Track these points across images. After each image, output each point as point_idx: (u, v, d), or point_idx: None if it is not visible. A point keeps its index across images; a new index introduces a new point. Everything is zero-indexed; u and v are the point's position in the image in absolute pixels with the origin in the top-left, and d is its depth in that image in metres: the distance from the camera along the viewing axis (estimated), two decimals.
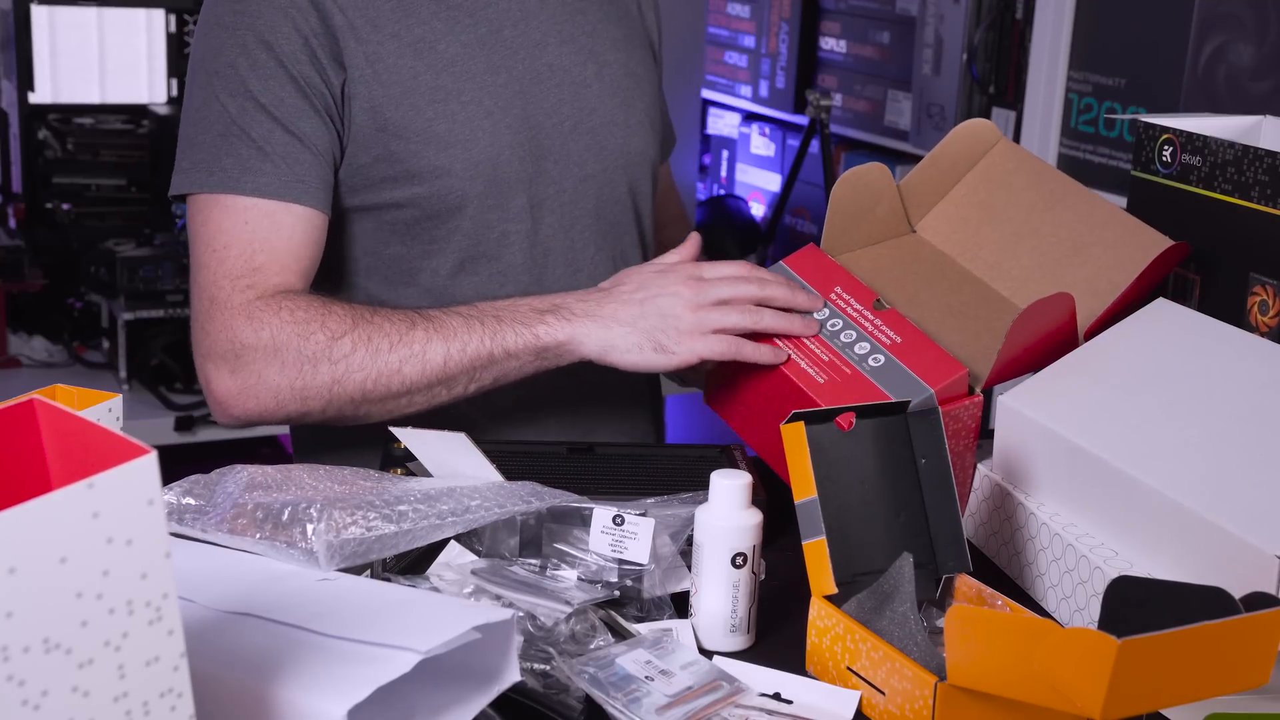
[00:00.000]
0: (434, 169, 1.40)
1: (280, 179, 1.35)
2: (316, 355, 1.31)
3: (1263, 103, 1.98)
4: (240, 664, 0.86)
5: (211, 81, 1.37)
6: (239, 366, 1.33)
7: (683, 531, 1.13)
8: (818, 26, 2.91)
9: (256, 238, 1.35)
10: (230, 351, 1.33)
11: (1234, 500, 1.04)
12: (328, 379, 1.31)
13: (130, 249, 2.42)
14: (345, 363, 1.30)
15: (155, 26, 3.03)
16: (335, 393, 1.31)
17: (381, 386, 1.31)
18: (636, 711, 0.96)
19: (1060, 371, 1.25)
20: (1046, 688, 0.85)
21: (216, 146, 1.36)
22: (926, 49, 2.56)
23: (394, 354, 1.30)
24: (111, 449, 0.71)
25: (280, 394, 1.32)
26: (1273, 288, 1.31)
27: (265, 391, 1.32)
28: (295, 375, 1.31)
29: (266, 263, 1.34)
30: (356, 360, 1.30)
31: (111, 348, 2.44)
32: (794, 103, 2.96)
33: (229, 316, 1.33)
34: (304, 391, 1.32)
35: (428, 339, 1.31)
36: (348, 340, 1.31)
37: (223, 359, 1.33)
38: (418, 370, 1.31)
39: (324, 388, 1.31)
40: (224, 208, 1.36)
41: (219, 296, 1.34)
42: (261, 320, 1.32)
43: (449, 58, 1.41)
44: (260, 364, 1.32)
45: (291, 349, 1.31)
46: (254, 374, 1.32)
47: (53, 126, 2.72)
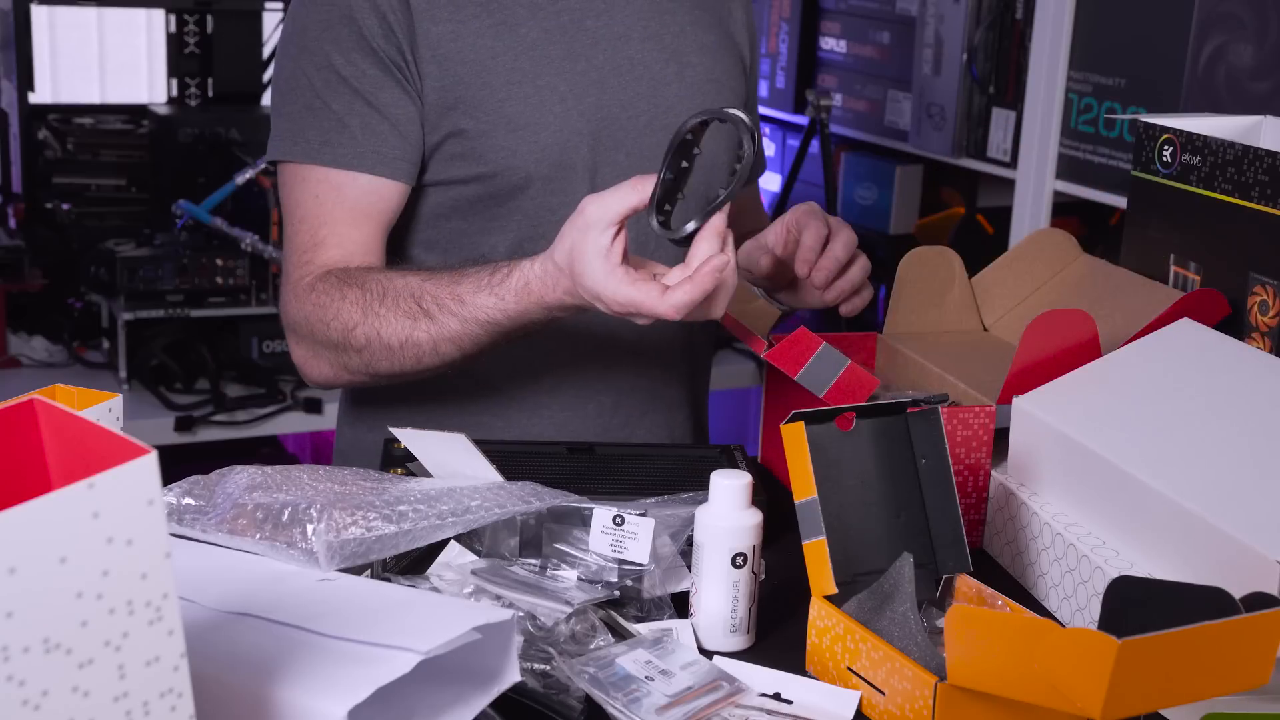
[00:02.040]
0: (501, 149, 1.43)
1: (357, 150, 1.41)
2: (339, 344, 1.38)
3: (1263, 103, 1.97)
4: (240, 664, 0.86)
5: (300, 56, 1.43)
6: (298, 340, 1.44)
7: (683, 531, 1.13)
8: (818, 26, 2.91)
9: (323, 210, 1.42)
10: (290, 325, 1.44)
11: (1238, 506, 1.04)
12: (360, 363, 1.38)
13: (130, 249, 2.41)
14: (368, 352, 1.37)
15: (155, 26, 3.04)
16: (373, 371, 1.39)
17: (410, 370, 1.37)
18: (636, 711, 0.96)
19: (1077, 379, 1.25)
20: (1046, 688, 0.85)
21: (301, 118, 1.43)
22: (926, 49, 2.56)
23: (405, 353, 1.36)
24: (111, 449, 0.71)
25: (333, 365, 1.41)
26: (1273, 288, 1.31)
27: (323, 364, 1.42)
28: (333, 358, 1.40)
29: (328, 236, 1.42)
30: (378, 353, 1.37)
31: (111, 348, 2.44)
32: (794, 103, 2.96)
33: (289, 291, 1.43)
34: (347, 368, 1.40)
35: (434, 343, 1.34)
36: (360, 333, 1.36)
37: (290, 330, 1.45)
38: (436, 362, 1.36)
39: (361, 368, 1.39)
40: (302, 179, 1.43)
41: (289, 271, 1.44)
42: (303, 300, 1.41)
43: (529, 41, 1.44)
44: (308, 341, 1.42)
45: (319, 335, 1.40)
46: (308, 348, 1.43)
47: (53, 126, 2.72)
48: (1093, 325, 1.29)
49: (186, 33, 2.81)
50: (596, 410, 1.51)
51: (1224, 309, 1.34)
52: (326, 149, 1.41)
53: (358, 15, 1.40)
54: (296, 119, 1.43)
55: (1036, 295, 1.54)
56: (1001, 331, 1.53)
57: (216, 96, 2.84)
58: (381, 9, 1.40)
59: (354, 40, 1.40)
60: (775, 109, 3.05)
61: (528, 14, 1.44)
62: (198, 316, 2.43)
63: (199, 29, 2.81)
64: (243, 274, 2.44)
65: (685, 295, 1.19)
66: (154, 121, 2.73)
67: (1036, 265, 1.54)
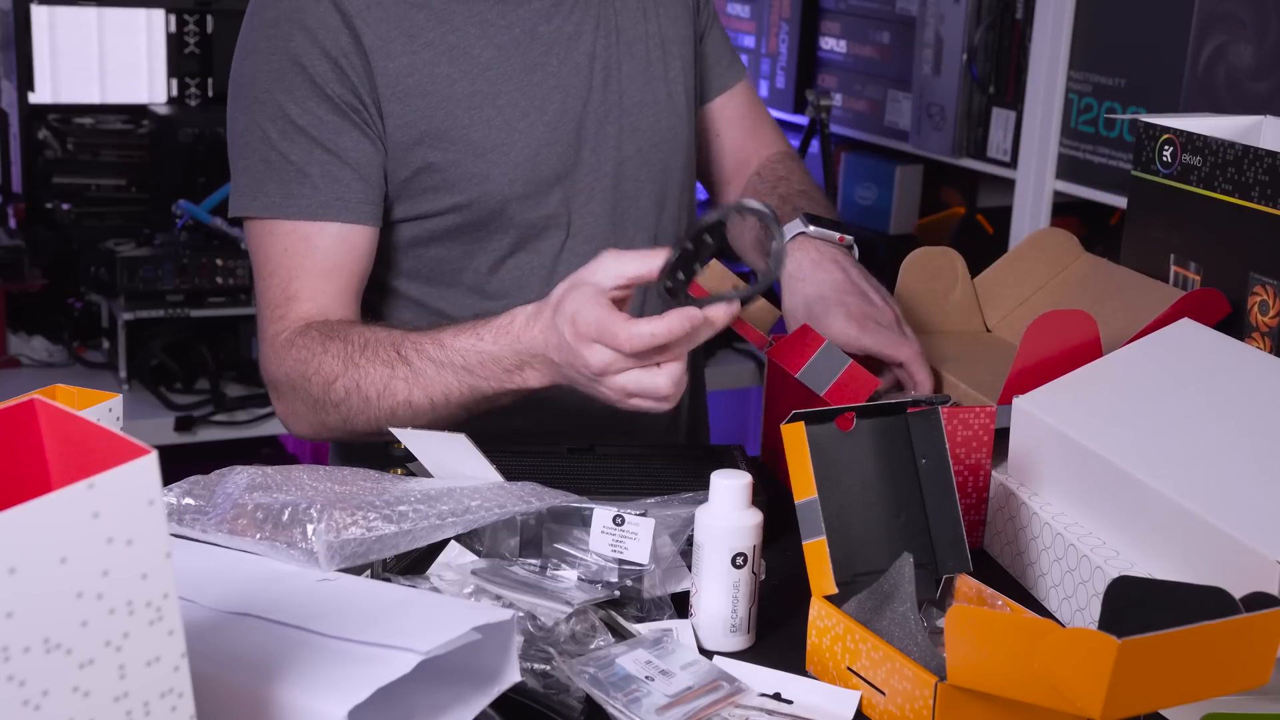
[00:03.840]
0: (473, 176, 1.42)
1: (319, 200, 1.39)
2: (319, 400, 1.36)
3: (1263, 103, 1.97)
4: (240, 664, 0.86)
5: (252, 108, 1.41)
6: (279, 397, 1.42)
7: (683, 531, 1.13)
8: (818, 26, 2.91)
9: (293, 264, 1.40)
10: (272, 383, 1.42)
11: (1239, 507, 1.04)
12: (338, 419, 1.36)
13: (130, 249, 2.41)
14: (346, 406, 1.35)
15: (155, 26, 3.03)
16: (351, 428, 1.36)
17: (386, 424, 1.30)
18: (636, 711, 0.96)
19: (1077, 379, 1.25)
20: (1046, 688, 0.85)
21: (260, 172, 1.40)
22: (926, 49, 2.56)
23: (382, 404, 1.33)
24: (111, 449, 0.71)
25: (312, 424, 1.40)
26: (1273, 288, 1.31)
27: (301, 421, 1.41)
28: (311, 414, 1.38)
29: (300, 289, 1.40)
30: (354, 406, 1.34)
31: (111, 348, 2.44)
32: (794, 103, 2.96)
33: (266, 348, 1.41)
34: (325, 425, 1.38)
35: (409, 391, 1.31)
36: (339, 386, 1.34)
37: (272, 388, 1.43)
38: (409, 417, 1.32)
39: (339, 425, 1.37)
40: (268, 233, 1.41)
41: (264, 327, 1.42)
42: (281, 357, 1.39)
43: (484, 62, 1.42)
44: (289, 398, 1.40)
45: (300, 391, 1.38)
46: (287, 405, 1.41)
47: (53, 126, 2.71)
48: (1094, 325, 1.29)
49: (186, 33, 2.81)
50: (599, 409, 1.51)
51: (1224, 308, 1.34)
52: (289, 201, 1.39)
53: (305, 62, 1.37)
54: (255, 173, 1.40)
55: (1039, 295, 1.54)
56: (1004, 332, 1.53)
57: (216, 96, 2.84)
58: (332, 54, 1.37)
59: (306, 87, 1.37)
60: (775, 109, 3.04)
61: (479, 33, 1.42)
62: (198, 316, 2.43)
63: (199, 29, 2.82)
64: (243, 274, 2.44)
65: (649, 327, 1.11)
66: (154, 121, 2.73)
67: (1038, 265, 1.54)
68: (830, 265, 1.43)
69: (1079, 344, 1.29)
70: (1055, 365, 1.27)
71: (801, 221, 1.47)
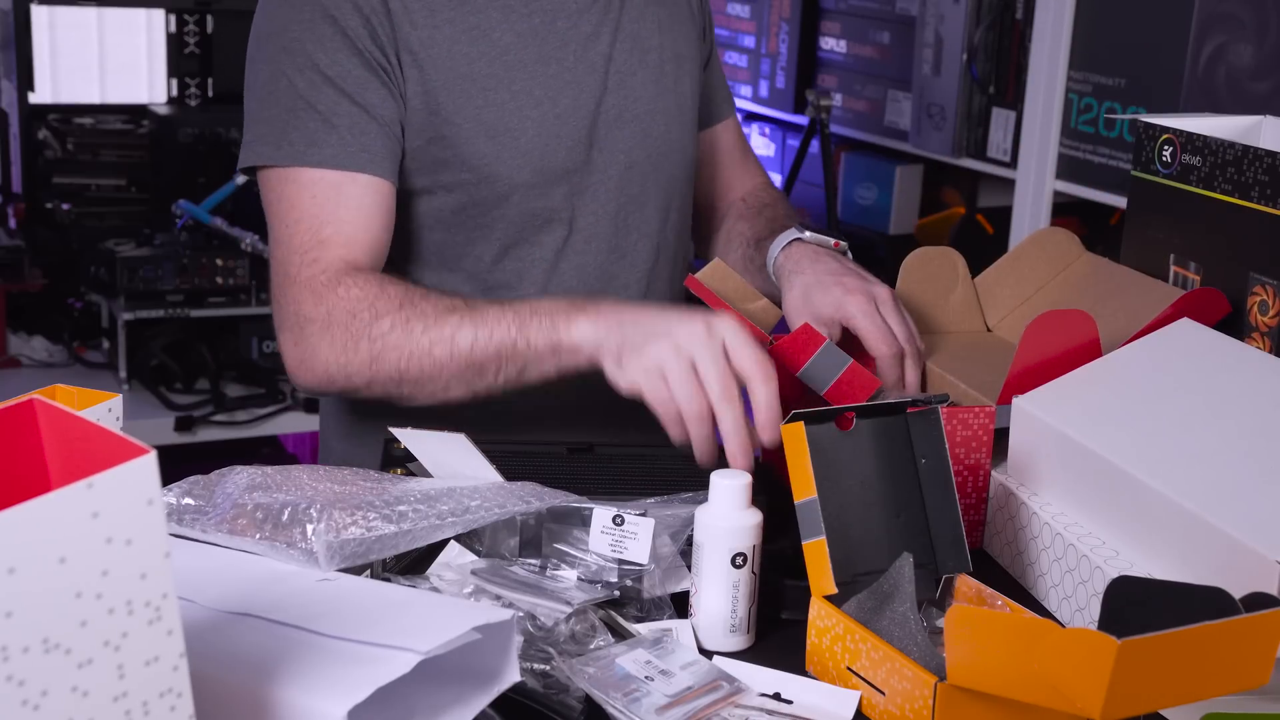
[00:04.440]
0: (482, 156, 1.43)
1: (346, 150, 1.38)
2: (358, 333, 1.33)
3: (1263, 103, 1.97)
4: (240, 664, 0.86)
5: (278, 57, 1.40)
6: (300, 339, 1.37)
7: (683, 531, 1.13)
8: (818, 26, 2.91)
9: (324, 210, 1.38)
10: (295, 324, 1.37)
11: (1239, 507, 1.04)
12: (366, 357, 1.33)
13: (130, 249, 2.41)
14: (382, 341, 1.33)
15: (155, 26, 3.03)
16: (375, 371, 1.33)
17: (415, 367, 1.32)
18: (636, 711, 0.96)
19: (1076, 379, 1.25)
20: (1046, 688, 0.85)
21: (284, 121, 1.39)
22: (926, 49, 2.56)
23: (425, 336, 1.32)
24: (111, 449, 0.71)
25: (330, 369, 1.35)
26: (1273, 288, 1.31)
27: (319, 365, 1.36)
28: (340, 351, 1.34)
29: (332, 235, 1.37)
30: (392, 340, 1.32)
31: (111, 348, 2.44)
32: (794, 103, 2.96)
33: (296, 291, 1.37)
34: (347, 368, 1.34)
35: (459, 324, 1.31)
36: (387, 320, 1.33)
37: (289, 330, 1.38)
38: (445, 353, 1.31)
39: (364, 365, 1.34)
40: (292, 181, 1.39)
41: (290, 271, 1.38)
42: (321, 296, 1.35)
43: (502, 46, 1.43)
44: (315, 338, 1.36)
45: (339, 326, 1.34)
46: (310, 348, 1.36)
47: (53, 126, 2.72)
48: (1093, 325, 1.29)
49: (186, 33, 2.81)
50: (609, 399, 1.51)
51: (1224, 308, 1.34)
52: (314, 150, 1.38)
53: (337, 14, 1.38)
54: (277, 123, 1.39)
55: (1039, 295, 1.53)
56: (1004, 332, 1.53)
57: (216, 96, 2.84)
58: (363, 10, 1.39)
59: (338, 40, 1.38)
60: (775, 109, 3.04)
61: (500, 18, 1.44)
62: (198, 316, 2.44)
63: (199, 29, 2.82)
64: (243, 274, 2.44)
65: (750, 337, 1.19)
66: (154, 121, 2.73)
67: (1039, 265, 1.54)
68: (828, 258, 1.45)
69: (1078, 344, 1.29)
70: (1055, 365, 1.27)
71: (797, 229, 1.50)
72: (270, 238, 1.42)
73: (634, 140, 1.50)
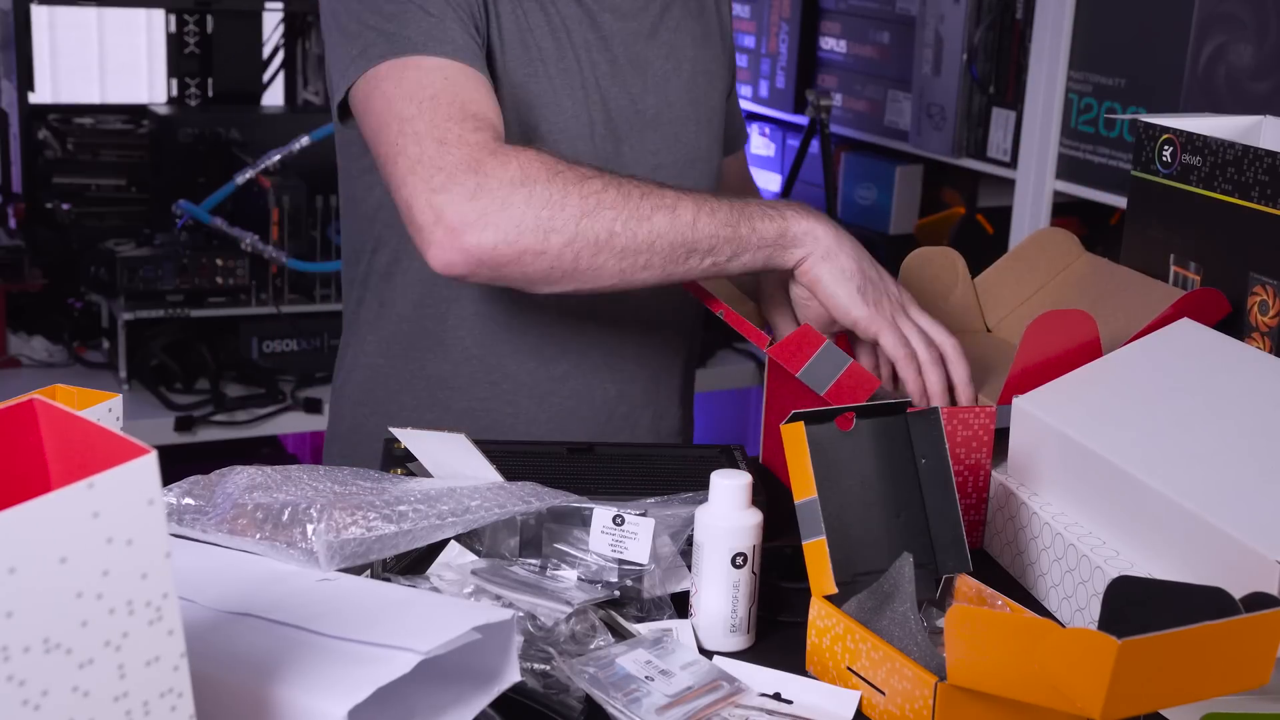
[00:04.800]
0: (523, 124, 1.42)
1: (468, 51, 1.34)
2: (566, 189, 1.26)
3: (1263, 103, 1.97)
4: (240, 664, 0.86)
5: None
6: (480, 193, 1.25)
7: (683, 531, 1.13)
8: (818, 26, 2.91)
9: (462, 91, 1.31)
10: (471, 181, 1.25)
11: (1239, 507, 1.04)
12: (576, 212, 1.25)
13: (130, 249, 2.41)
14: (596, 198, 1.26)
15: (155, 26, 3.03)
16: (582, 228, 1.25)
17: (629, 231, 1.26)
18: (636, 711, 0.96)
19: (1077, 379, 1.25)
20: (1046, 688, 0.85)
21: (394, 20, 1.32)
22: (926, 49, 2.56)
23: (645, 201, 1.27)
24: (111, 449, 0.71)
25: (523, 224, 1.25)
26: (1273, 288, 1.31)
27: (507, 220, 1.25)
28: (542, 206, 1.25)
29: (479, 113, 1.30)
30: (608, 198, 1.26)
31: (111, 348, 2.44)
32: (794, 103, 2.96)
33: (466, 151, 1.27)
34: (550, 223, 1.25)
35: (678, 198, 1.28)
36: (598, 180, 1.27)
37: (460, 187, 1.25)
38: (667, 222, 1.27)
39: (571, 221, 1.25)
40: (416, 68, 1.31)
41: (448, 138, 1.27)
42: (506, 155, 1.27)
43: (557, 23, 1.44)
44: (505, 192, 1.25)
45: (540, 181, 1.25)
46: (497, 200, 1.25)
47: (53, 126, 2.71)
48: (1093, 325, 1.29)
49: (186, 33, 2.81)
50: (604, 399, 1.52)
51: (1224, 308, 1.34)
52: (434, 43, 1.31)
53: None
54: (385, 25, 1.32)
55: (1039, 295, 1.53)
56: (1004, 332, 1.53)
57: (216, 96, 2.84)
58: None
59: None
60: (775, 109, 3.04)
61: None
62: (198, 316, 2.43)
63: (199, 29, 2.81)
64: (243, 274, 2.44)
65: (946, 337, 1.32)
66: (154, 121, 2.73)
67: (1039, 265, 1.54)
68: None
69: (1079, 344, 1.29)
70: (1055, 365, 1.28)
71: None
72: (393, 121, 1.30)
73: (664, 143, 1.51)
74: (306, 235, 2.47)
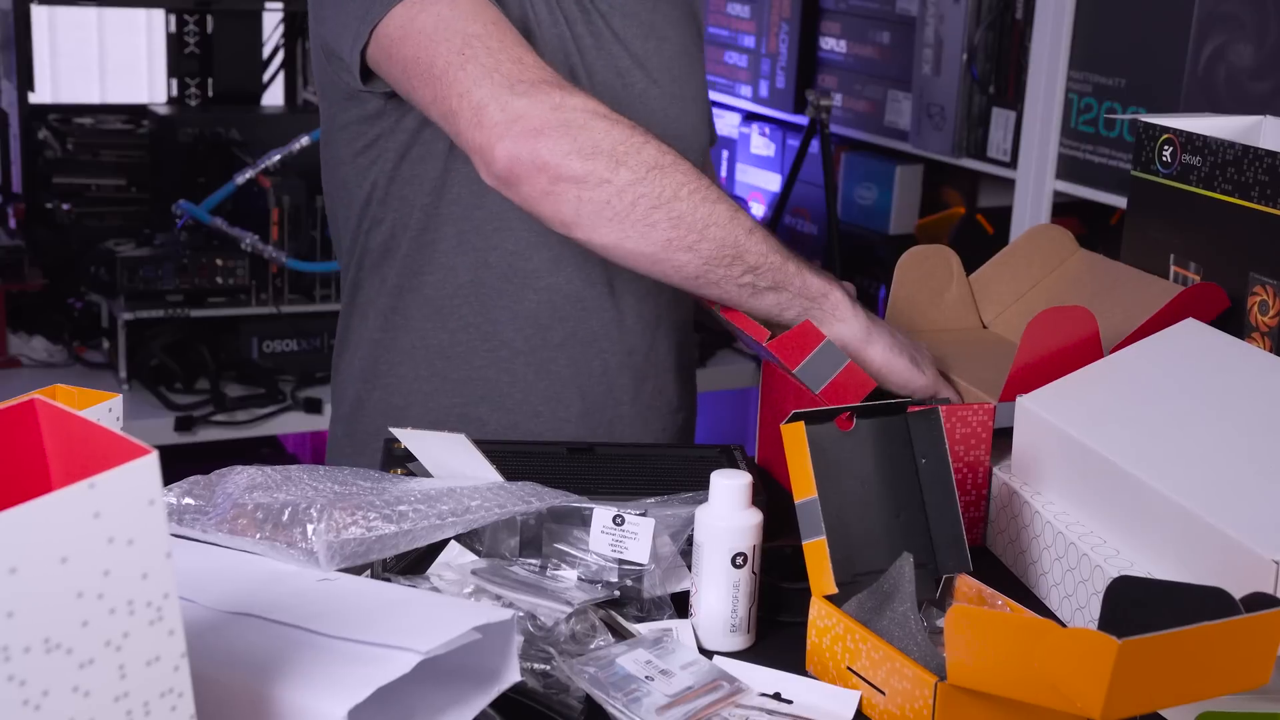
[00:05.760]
0: None
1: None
2: (646, 139, 1.26)
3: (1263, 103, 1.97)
4: (240, 664, 0.86)
5: None
6: (564, 108, 1.24)
7: (683, 531, 1.13)
8: (818, 26, 2.91)
9: (508, 35, 1.29)
10: (556, 95, 1.25)
11: (1237, 506, 1.04)
12: (651, 160, 1.25)
13: (130, 249, 2.41)
14: (672, 159, 1.26)
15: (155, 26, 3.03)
16: (651, 177, 1.25)
17: (692, 202, 1.26)
18: (636, 711, 0.96)
19: (1081, 378, 1.25)
20: (1046, 688, 0.85)
21: None
22: (926, 49, 2.56)
23: (713, 190, 1.28)
24: (112, 449, 0.71)
25: (600, 146, 1.24)
26: (1273, 288, 1.31)
27: (586, 138, 1.24)
28: (621, 139, 1.25)
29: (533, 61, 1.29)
30: (683, 166, 1.27)
31: (111, 348, 2.44)
32: (794, 103, 2.96)
33: (548, 74, 1.26)
34: (625, 157, 1.24)
35: (739, 207, 1.29)
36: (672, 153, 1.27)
37: (546, 97, 1.24)
38: (727, 215, 1.27)
39: (643, 165, 1.25)
40: (450, 5, 1.28)
41: (525, 59, 1.27)
42: (586, 93, 1.27)
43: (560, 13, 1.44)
44: (587, 116, 1.25)
45: (621, 124, 1.26)
46: (579, 118, 1.24)
47: (53, 126, 2.71)
48: (1093, 321, 1.29)
49: (186, 33, 2.81)
50: (602, 368, 1.51)
51: (1224, 302, 1.34)
52: None
53: None
54: None
55: (1034, 291, 1.54)
56: (1000, 328, 1.53)
57: (216, 96, 2.84)
58: None
59: None
60: (775, 109, 3.04)
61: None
62: (198, 316, 2.43)
63: (199, 29, 2.82)
64: (243, 274, 2.44)
65: None
66: (154, 121, 2.73)
67: (1034, 261, 1.55)
68: None
69: (1079, 340, 1.29)
70: (1056, 361, 1.28)
71: None
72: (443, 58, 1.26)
73: (652, 121, 1.50)
74: (306, 235, 2.47)
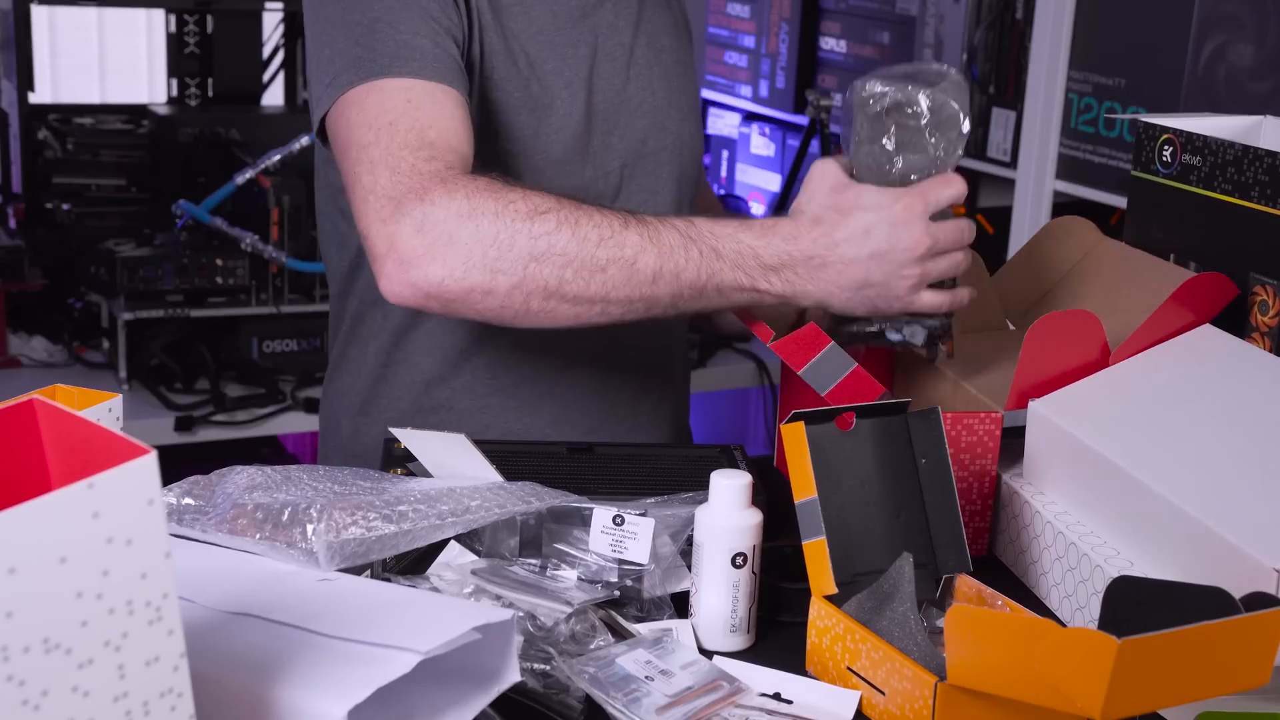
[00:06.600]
0: (525, 127, 1.42)
1: (438, 64, 1.30)
2: (515, 226, 1.20)
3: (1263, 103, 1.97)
4: (240, 664, 0.86)
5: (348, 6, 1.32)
6: (427, 226, 1.21)
7: (683, 531, 1.13)
8: (818, 26, 2.91)
9: (422, 115, 1.27)
10: (419, 212, 1.21)
11: (1241, 513, 1.04)
12: (525, 254, 1.20)
13: (130, 249, 2.41)
14: (547, 240, 1.20)
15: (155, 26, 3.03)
16: (530, 273, 1.21)
17: (581, 281, 1.22)
18: (636, 711, 0.96)
19: (1093, 384, 1.25)
20: (1046, 688, 0.85)
21: (364, 44, 1.30)
22: (926, 49, 2.56)
23: (601, 249, 1.21)
24: (111, 449, 0.71)
25: (470, 260, 1.20)
26: (1273, 288, 1.31)
27: (454, 255, 1.20)
28: (490, 243, 1.20)
29: (438, 139, 1.26)
30: (559, 242, 1.21)
31: (111, 348, 2.44)
32: (794, 103, 2.96)
33: (417, 181, 1.23)
34: (497, 262, 1.20)
35: (641, 246, 1.22)
36: (552, 218, 1.21)
37: (408, 218, 1.21)
38: (624, 277, 1.22)
39: (518, 263, 1.20)
40: (379, 91, 1.28)
41: (401, 166, 1.24)
42: (455, 185, 1.22)
43: (540, 24, 1.44)
44: (452, 225, 1.20)
45: (488, 214, 1.20)
46: (444, 234, 1.20)
47: (53, 126, 2.71)
48: (1097, 323, 1.29)
49: (186, 33, 2.81)
50: (604, 388, 1.52)
51: (1232, 290, 1.33)
52: (399, 63, 1.29)
53: None
54: (353, 49, 1.30)
55: (1060, 287, 1.51)
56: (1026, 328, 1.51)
57: (216, 96, 2.84)
58: None
59: None
60: (775, 109, 3.04)
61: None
62: (198, 316, 2.43)
63: (199, 29, 2.81)
64: (243, 274, 2.44)
65: None
66: (154, 121, 2.73)
67: (1057, 256, 1.52)
68: None
69: (1083, 343, 1.28)
70: (1060, 366, 1.27)
71: None
72: (354, 148, 1.28)
73: (650, 131, 1.52)
74: (306, 235, 2.47)
